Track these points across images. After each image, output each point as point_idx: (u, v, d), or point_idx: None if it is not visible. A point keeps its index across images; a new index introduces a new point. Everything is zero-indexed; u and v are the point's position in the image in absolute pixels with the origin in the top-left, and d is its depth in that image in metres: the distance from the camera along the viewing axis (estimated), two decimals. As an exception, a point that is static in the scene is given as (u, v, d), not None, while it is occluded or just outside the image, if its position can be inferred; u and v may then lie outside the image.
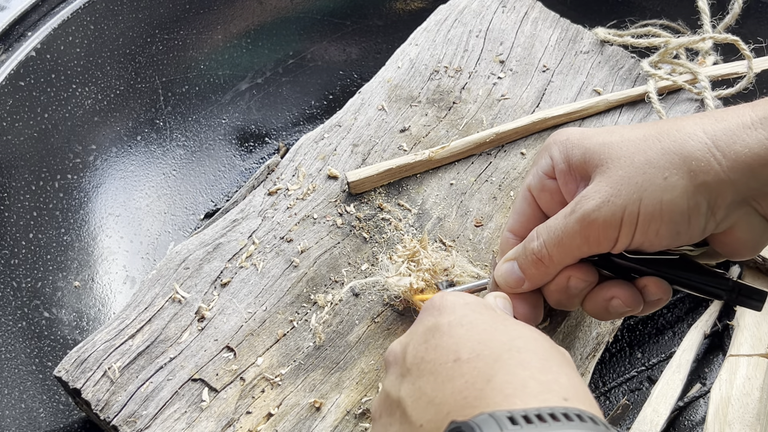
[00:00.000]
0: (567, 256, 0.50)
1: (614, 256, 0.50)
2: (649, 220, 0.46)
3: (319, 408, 0.56)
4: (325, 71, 0.98)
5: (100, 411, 0.55)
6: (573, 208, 0.48)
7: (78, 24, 0.80)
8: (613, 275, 0.51)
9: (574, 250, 0.49)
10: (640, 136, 0.47)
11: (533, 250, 0.50)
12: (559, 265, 0.50)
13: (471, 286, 0.58)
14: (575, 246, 0.48)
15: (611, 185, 0.46)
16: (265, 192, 0.69)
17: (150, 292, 0.62)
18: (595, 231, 0.47)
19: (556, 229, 0.49)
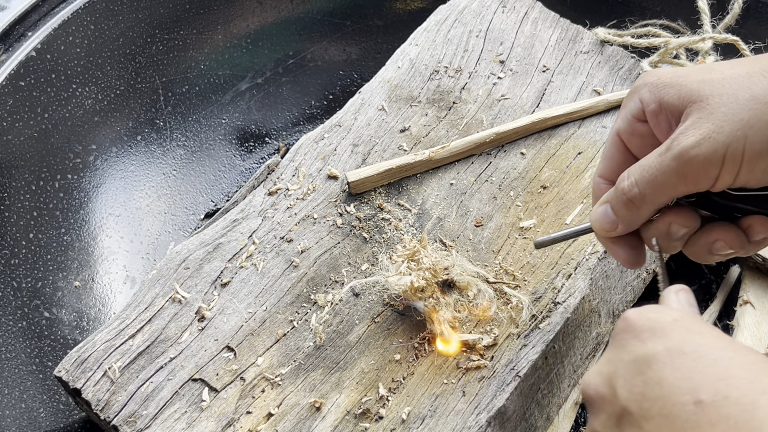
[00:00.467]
0: (661, 195, 0.47)
1: (715, 195, 0.47)
2: (756, 158, 0.43)
3: (319, 408, 0.56)
4: (325, 71, 0.98)
5: (101, 411, 0.55)
6: (669, 146, 0.45)
7: (78, 24, 0.80)
8: (713, 216, 0.49)
9: (668, 189, 0.46)
10: (743, 73, 0.45)
11: (624, 190, 0.48)
12: (652, 205, 0.47)
13: (571, 231, 0.55)
14: (670, 184, 0.45)
15: (713, 121, 0.43)
16: (265, 192, 0.69)
17: (150, 292, 0.62)
18: (694, 168, 0.44)
19: (649, 167, 0.46)
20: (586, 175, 0.68)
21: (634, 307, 0.45)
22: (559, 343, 0.59)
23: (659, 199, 0.47)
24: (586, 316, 0.62)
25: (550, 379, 0.60)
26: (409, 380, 0.57)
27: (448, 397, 0.55)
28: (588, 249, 0.63)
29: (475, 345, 0.58)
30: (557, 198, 0.67)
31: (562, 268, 0.62)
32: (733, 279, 0.78)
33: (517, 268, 0.62)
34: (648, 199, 0.47)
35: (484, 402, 0.55)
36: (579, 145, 0.71)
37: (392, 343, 0.59)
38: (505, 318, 0.59)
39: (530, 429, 0.59)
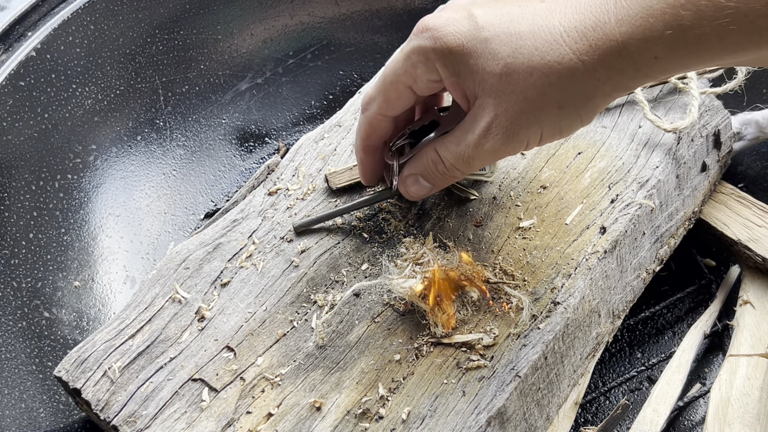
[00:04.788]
0: (471, 168, 0.57)
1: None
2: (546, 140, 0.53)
3: (319, 408, 0.56)
4: (325, 71, 0.98)
5: (100, 411, 0.55)
6: (470, 131, 0.53)
7: (78, 24, 0.80)
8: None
9: (478, 165, 0.56)
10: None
11: (443, 171, 0.57)
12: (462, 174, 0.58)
13: (334, 211, 0.64)
14: (480, 163, 0.55)
15: (502, 115, 0.51)
16: (265, 192, 0.69)
17: (150, 292, 0.62)
18: (501, 155, 0.54)
19: (463, 155, 0.54)
20: (586, 175, 0.68)
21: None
22: (558, 343, 0.59)
23: (468, 170, 0.57)
24: (586, 316, 0.62)
25: (550, 379, 0.60)
26: (409, 380, 0.57)
27: (448, 397, 0.55)
28: (588, 249, 0.63)
29: (475, 345, 0.58)
30: (557, 198, 0.67)
31: (561, 268, 0.62)
32: (733, 279, 0.78)
33: (517, 268, 0.62)
34: (463, 173, 0.58)
35: (484, 402, 0.55)
36: (579, 145, 0.71)
37: (392, 343, 0.59)
38: (505, 316, 0.60)
39: (530, 429, 0.59)
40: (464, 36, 0.50)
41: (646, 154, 0.69)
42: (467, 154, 0.54)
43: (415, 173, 0.59)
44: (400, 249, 0.63)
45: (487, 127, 0.52)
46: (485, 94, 0.51)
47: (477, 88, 0.51)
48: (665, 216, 0.70)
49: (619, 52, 0.45)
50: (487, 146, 0.53)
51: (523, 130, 0.51)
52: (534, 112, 0.50)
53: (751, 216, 0.76)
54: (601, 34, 0.46)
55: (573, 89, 0.48)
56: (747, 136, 0.79)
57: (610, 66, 0.46)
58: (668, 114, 0.73)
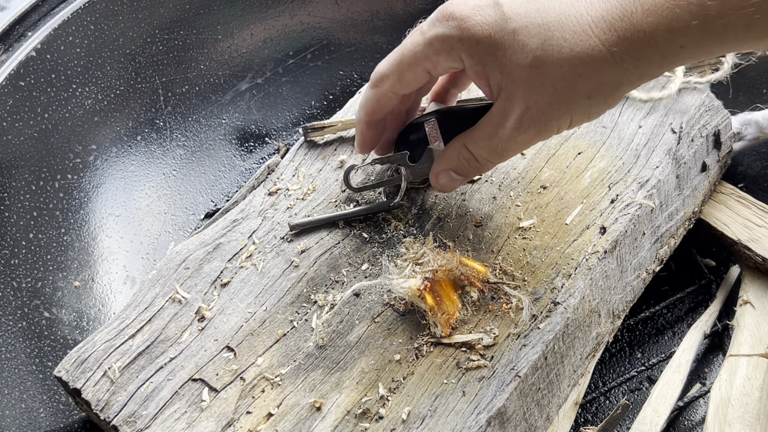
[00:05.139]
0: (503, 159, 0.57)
1: None
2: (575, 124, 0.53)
3: (319, 408, 0.56)
4: (325, 71, 0.98)
5: (100, 411, 0.55)
6: (501, 124, 0.53)
7: (78, 24, 0.80)
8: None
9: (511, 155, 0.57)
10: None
11: (476, 167, 0.58)
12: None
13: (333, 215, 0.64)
14: (513, 153, 0.57)
15: (528, 106, 0.51)
16: (265, 192, 0.69)
17: (150, 292, 0.62)
18: (534, 143, 0.55)
19: (496, 148, 0.55)
20: (586, 175, 0.68)
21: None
22: (559, 343, 0.59)
23: (500, 161, 0.58)
24: (586, 316, 0.62)
25: (550, 379, 0.60)
26: (409, 380, 0.57)
27: (448, 397, 0.55)
28: (588, 249, 0.63)
29: (475, 345, 0.58)
30: (557, 198, 0.67)
31: (561, 268, 0.62)
32: (733, 279, 0.78)
33: (517, 268, 0.62)
34: (493, 165, 0.58)
35: (484, 402, 0.55)
36: (579, 145, 0.71)
37: (392, 343, 0.59)
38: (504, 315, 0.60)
39: (530, 429, 0.59)
40: (491, 27, 0.50)
41: (646, 154, 0.69)
42: (500, 147, 0.54)
43: (447, 169, 0.59)
44: (400, 249, 0.63)
45: (518, 120, 0.52)
46: (514, 86, 0.51)
47: (504, 80, 0.51)
48: (665, 216, 0.70)
49: (646, 43, 0.46)
50: (520, 138, 0.53)
51: (554, 120, 0.51)
52: (564, 102, 0.50)
53: (751, 216, 0.76)
54: (628, 24, 0.46)
55: (602, 79, 0.49)
56: (747, 136, 0.79)
57: (637, 56, 0.47)
58: (651, 92, 0.73)
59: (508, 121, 0.52)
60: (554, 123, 0.52)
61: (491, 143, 0.55)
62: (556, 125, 0.52)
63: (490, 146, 0.55)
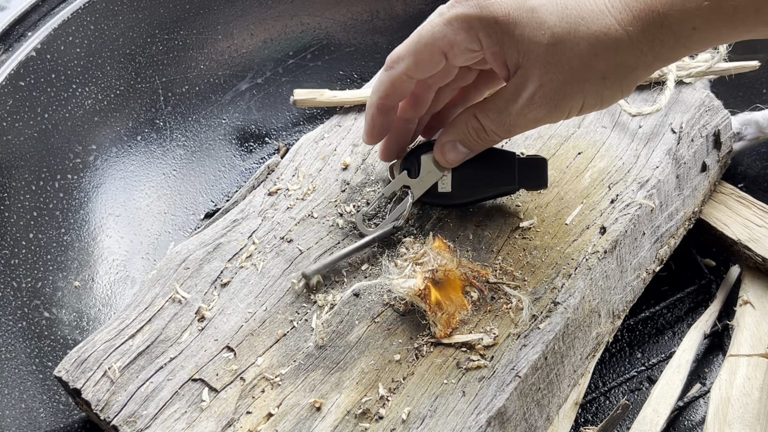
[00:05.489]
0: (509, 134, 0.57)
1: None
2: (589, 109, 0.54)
3: (319, 408, 0.56)
4: (325, 71, 0.98)
5: (100, 411, 0.55)
6: (512, 99, 0.53)
7: (78, 24, 0.80)
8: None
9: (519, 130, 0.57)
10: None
11: (484, 138, 0.58)
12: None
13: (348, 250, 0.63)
14: (522, 131, 0.57)
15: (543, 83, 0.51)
16: (265, 192, 0.69)
17: (150, 292, 0.62)
18: (543, 123, 0.55)
19: (505, 123, 0.55)
20: (586, 175, 0.68)
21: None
22: (559, 343, 0.59)
23: (507, 137, 0.58)
24: (586, 316, 0.62)
25: (550, 379, 0.60)
26: (409, 380, 0.57)
27: (448, 397, 0.55)
28: (588, 249, 0.63)
29: (475, 345, 0.58)
30: (557, 198, 0.67)
31: (561, 268, 0.62)
32: (733, 279, 0.78)
33: (517, 268, 0.62)
34: (500, 139, 0.58)
35: (484, 402, 0.55)
36: (579, 145, 0.71)
37: (392, 344, 0.59)
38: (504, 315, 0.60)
39: (530, 429, 0.59)
40: (510, 5, 0.50)
41: (646, 154, 0.69)
42: (509, 122, 0.54)
43: (453, 140, 0.59)
44: (400, 249, 0.63)
45: (531, 97, 0.52)
46: (530, 63, 0.51)
47: (521, 58, 0.51)
48: (665, 216, 0.70)
49: (660, 23, 0.47)
50: (530, 115, 0.53)
51: (567, 100, 0.52)
52: (579, 82, 0.50)
53: (751, 216, 0.76)
54: (643, 5, 0.47)
55: (618, 60, 0.49)
56: (747, 136, 0.79)
57: (652, 37, 0.48)
58: (641, 107, 0.73)
59: (521, 96, 0.52)
60: (566, 103, 0.52)
61: (501, 117, 0.55)
62: (568, 106, 0.52)
63: (499, 119, 0.55)
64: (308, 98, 0.77)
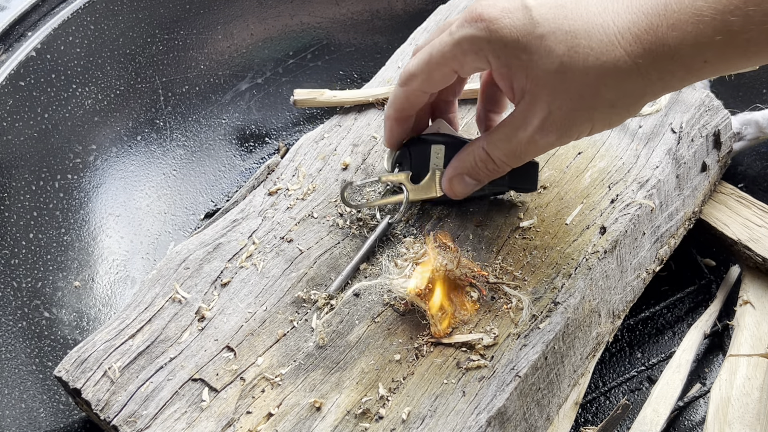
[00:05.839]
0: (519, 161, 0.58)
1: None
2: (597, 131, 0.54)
3: (319, 408, 0.56)
4: (325, 71, 0.98)
5: (100, 411, 0.55)
6: (521, 127, 0.53)
7: (78, 24, 0.80)
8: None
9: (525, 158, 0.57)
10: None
11: (493, 169, 0.58)
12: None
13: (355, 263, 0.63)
14: (532, 157, 0.57)
15: (550, 111, 0.52)
16: (265, 192, 0.69)
17: (150, 292, 0.62)
18: (547, 148, 0.55)
19: (515, 151, 0.55)
20: (586, 175, 0.68)
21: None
22: (559, 343, 0.59)
23: (518, 164, 0.58)
24: (586, 316, 0.62)
25: (550, 379, 0.60)
26: (409, 380, 0.57)
27: (448, 397, 0.55)
28: (588, 249, 0.63)
29: (475, 345, 0.58)
30: (557, 198, 0.67)
31: (561, 268, 0.62)
32: (733, 279, 0.78)
33: (517, 268, 0.62)
34: (509, 168, 0.58)
35: (484, 402, 0.55)
36: (579, 145, 0.71)
37: (392, 344, 0.59)
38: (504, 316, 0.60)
39: (530, 429, 0.59)
40: (519, 30, 0.50)
41: (646, 154, 0.69)
42: (519, 150, 0.55)
43: (461, 173, 0.60)
44: (400, 249, 0.63)
45: (541, 124, 0.52)
46: (538, 89, 0.51)
47: (528, 83, 0.51)
48: (665, 216, 0.70)
49: (671, 56, 0.46)
50: (541, 142, 0.53)
51: (576, 126, 0.52)
52: (588, 110, 0.51)
53: (751, 216, 0.76)
54: (654, 37, 0.46)
55: (626, 89, 0.49)
56: (747, 136, 0.79)
57: (662, 69, 0.47)
58: (646, 105, 0.73)
59: (530, 124, 0.53)
60: (576, 129, 0.52)
61: (510, 145, 0.55)
62: (577, 131, 0.52)
63: (509, 148, 0.55)
64: (308, 98, 0.77)
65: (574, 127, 0.52)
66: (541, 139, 0.53)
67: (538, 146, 0.54)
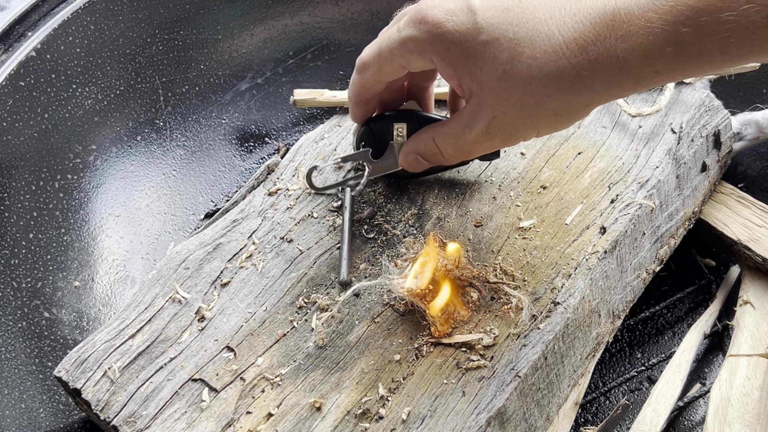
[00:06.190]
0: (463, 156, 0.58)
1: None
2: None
3: (319, 408, 0.56)
4: (325, 71, 0.98)
5: (100, 411, 0.55)
6: (469, 126, 0.54)
7: (78, 24, 0.80)
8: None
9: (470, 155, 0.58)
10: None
11: (440, 160, 0.59)
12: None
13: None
14: (479, 154, 0.58)
15: (493, 114, 0.52)
16: (265, 192, 0.69)
17: (150, 292, 0.62)
18: (490, 147, 0.55)
19: (462, 148, 0.56)
20: (586, 175, 0.68)
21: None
22: (559, 343, 0.59)
23: (466, 158, 0.59)
24: (586, 316, 0.62)
25: (550, 379, 0.60)
26: (409, 380, 0.57)
27: (448, 397, 0.55)
28: (588, 249, 0.63)
29: (475, 345, 0.58)
30: (557, 198, 0.67)
31: (561, 268, 0.62)
32: (733, 279, 0.78)
33: (517, 268, 0.62)
34: (458, 160, 0.59)
35: (484, 402, 0.55)
36: (579, 145, 0.71)
37: (392, 344, 0.59)
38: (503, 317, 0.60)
39: (530, 429, 0.59)
40: (463, 35, 0.50)
41: (646, 154, 0.69)
42: (465, 148, 0.56)
43: (415, 152, 0.61)
44: (400, 249, 0.63)
45: (485, 128, 0.53)
46: (483, 94, 0.51)
47: (474, 86, 0.51)
48: (665, 216, 0.70)
49: (619, 68, 0.45)
50: (485, 144, 0.54)
51: (520, 132, 0.52)
52: (531, 117, 0.51)
53: (751, 216, 0.76)
54: (601, 49, 0.45)
55: (570, 100, 0.49)
56: (747, 136, 0.79)
57: (609, 80, 0.47)
58: (640, 108, 0.73)
59: (476, 126, 0.53)
60: (520, 134, 0.53)
61: (457, 142, 0.56)
62: (521, 136, 0.53)
63: (456, 144, 0.56)
64: (308, 98, 0.77)
65: (518, 132, 0.52)
66: (485, 142, 0.54)
67: (483, 147, 0.55)
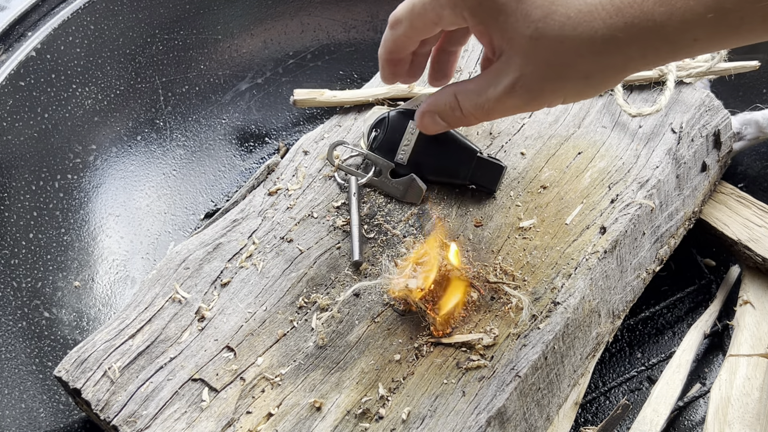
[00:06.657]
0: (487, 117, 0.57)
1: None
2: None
3: (320, 408, 0.56)
4: (325, 71, 0.98)
5: (100, 411, 0.55)
6: (494, 83, 0.52)
7: (78, 24, 0.80)
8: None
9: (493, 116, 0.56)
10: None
11: (459, 117, 0.57)
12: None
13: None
14: (500, 116, 0.56)
15: (524, 71, 0.50)
16: (265, 192, 0.69)
17: (150, 292, 0.62)
18: (516, 107, 0.53)
19: (483, 106, 0.54)
20: (586, 175, 0.68)
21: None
22: (559, 343, 0.59)
23: (486, 120, 0.57)
24: (586, 316, 0.62)
25: (550, 379, 0.60)
26: (409, 380, 0.57)
27: (448, 397, 0.55)
28: (588, 249, 0.63)
29: (475, 345, 0.58)
30: (557, 198, 0.67)
31: (561, 268, 0.62)
32: (733, 279, 0.78)
33: (517, 268, 0.62)
34: (477, 121, 0.57)
35: (484, 402, 0.55)
36: (579, 145, 0.71)
37: (392, 344, 0.59)
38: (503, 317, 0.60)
39: (530, 429, 0.59)
40: None
41: (646, 154, 0.69)
42: (488, 106, 0.54)
43: (433, 111, 0.59)
44: (400, 249, 0.63)
45: (511, 86, 0.51)
46: (513, 52, 0.50)
47: (504, 44, 0.50)
48: (665, 216, 0.70)
49: (656, 33, 0.44)
50: (508, 103, 0.52)
51: (547, 94, 0.51)
52: (559, 79, 0.49)
53: (751, 216, 0.76)
54: (638, 11, 0.44)
55: (603, 62, 0.47)
56: (747, 136, 0.79)
57: (645, 45, 0.45)
58: (640, 108, 0.73)
59: (501, 83, 0.52)
60: (545, 96, 0.51)
61: (480, 99, 0.54)
62: (547, 99, 0.52)
63: (478, 102, 0.54)
64: (308, 98, 0.77)
65: (543, 94, 0.51)
66: (508, 100, 0.52)
67: (506, 107, 0.53)
